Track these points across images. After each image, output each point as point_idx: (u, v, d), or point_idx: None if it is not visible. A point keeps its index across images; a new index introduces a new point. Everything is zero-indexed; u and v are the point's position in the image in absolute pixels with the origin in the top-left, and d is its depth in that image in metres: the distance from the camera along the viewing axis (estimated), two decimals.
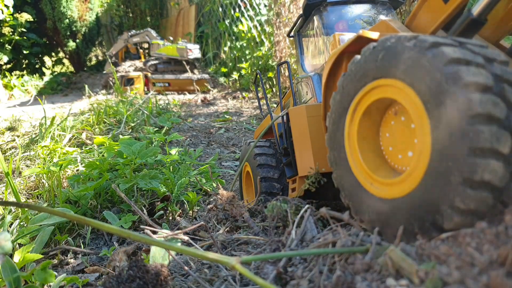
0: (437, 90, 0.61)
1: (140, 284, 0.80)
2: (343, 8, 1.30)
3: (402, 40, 0.68)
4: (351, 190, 0.81)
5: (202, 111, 4.08)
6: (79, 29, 8.02)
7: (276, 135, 1.22)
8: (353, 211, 0.80)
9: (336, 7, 1.28)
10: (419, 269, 0.55)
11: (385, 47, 0.72)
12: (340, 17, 1.30)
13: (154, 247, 0.95)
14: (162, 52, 6.03)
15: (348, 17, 1.29)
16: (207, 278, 0.86)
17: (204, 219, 1.16)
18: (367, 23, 1.29)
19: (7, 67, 6.98)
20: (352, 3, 1.30)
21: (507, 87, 0.59)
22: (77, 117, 3.17)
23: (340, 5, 1.29)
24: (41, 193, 1.60)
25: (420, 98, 0.64)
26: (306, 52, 1.45)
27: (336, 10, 1.29)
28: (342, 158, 0.83)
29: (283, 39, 5.16)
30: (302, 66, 1.47)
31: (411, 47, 0.66)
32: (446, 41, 0.65)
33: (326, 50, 1.27)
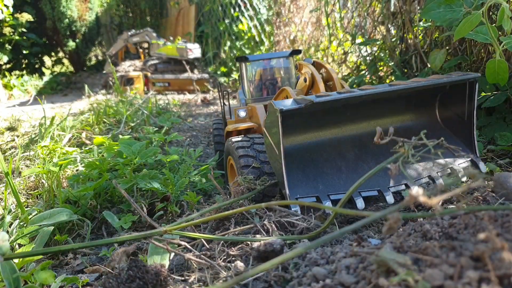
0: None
1: (140, 284, 0.80)
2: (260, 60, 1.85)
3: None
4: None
5: (202, 111, 4.08)
6: (78, 29, 8.01)
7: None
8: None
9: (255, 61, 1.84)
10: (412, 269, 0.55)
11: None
12: (258, 66, 1.84)
13: (152, 246, 0.95)
14: (162, 52, 6.02)
15: (264, 66, 1.85)
16: (207, 278, 0.86)
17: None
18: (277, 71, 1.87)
19: (6, 67, 6.97)
20: (266, 59, 1.84)
21: (259, 154, 1.31)
22: (77, 117, 3.17)
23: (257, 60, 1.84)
24: (41, 193, 1.60)
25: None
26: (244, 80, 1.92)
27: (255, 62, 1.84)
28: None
29: (283, 39, 5.15)
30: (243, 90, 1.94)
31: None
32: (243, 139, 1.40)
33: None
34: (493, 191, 1.34)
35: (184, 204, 1.46)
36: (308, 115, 1.18)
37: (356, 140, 1.24)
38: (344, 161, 1.19)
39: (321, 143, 1.22)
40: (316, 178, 1.15)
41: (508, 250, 0.54)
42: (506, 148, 1.82)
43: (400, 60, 2.83)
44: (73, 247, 0.87)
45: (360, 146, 1.23)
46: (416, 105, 1.28)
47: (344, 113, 1.23)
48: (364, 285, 0.65)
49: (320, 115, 1.21)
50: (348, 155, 1.21)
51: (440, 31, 2.51)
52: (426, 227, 0.80)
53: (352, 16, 3.78)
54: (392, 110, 1.27)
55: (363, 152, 1.21)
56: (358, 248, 0.81)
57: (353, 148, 1.23)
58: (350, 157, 1.20)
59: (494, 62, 1.52)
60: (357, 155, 1.20)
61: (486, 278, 0.53)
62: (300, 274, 0.79)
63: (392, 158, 0.78)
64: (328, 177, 1.15)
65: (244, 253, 0.94)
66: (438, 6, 1.73)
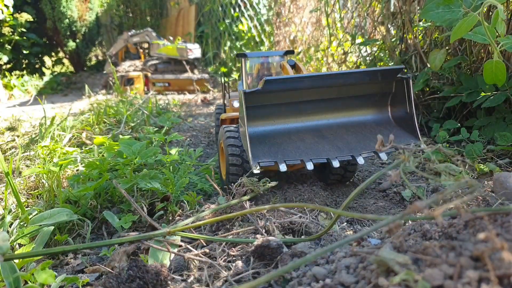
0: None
1: (140, 284, 0.80)
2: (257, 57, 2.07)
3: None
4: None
5: (202, 111, 4.08)
6: (79, 29, 8.01)
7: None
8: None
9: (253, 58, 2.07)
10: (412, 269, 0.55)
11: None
12: (256, 62, 2.06)
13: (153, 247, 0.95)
14: (162, 52, 6.02)
15: (261, 62, 2.06)
16: (206, 278, 0.86)
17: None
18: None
19: (7, 67, 6.97)
20: (262, 56, 2.06)
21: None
22: (77, 117, 3.17)
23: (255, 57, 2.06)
24: (41, 193, 1.60)
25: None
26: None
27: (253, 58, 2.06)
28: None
29: (283, 39, 5.15)
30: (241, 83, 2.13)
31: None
32: (233, 129, 1.56)
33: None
34: (493, 191, 1.34)
35: (184, 204, 1.46)
36: (274, 106, 1.42)
37: (316, 130, 1.46)
38: (303, 143, 1.39)
39: (286, 131, 1.45)
40: (277, 151, 1.35)
41: (508, 250, 0.54)
42: (505, 148, 1.82)
43: (400, 60, 2.83)
44: (76, 247, 0.88)
45: (319, 134, 1.44)
46: (371, 105, 1.49)
47: (305, 108, 1.46)
48: (364, 285, 0.65)
49: (285, 108, 1.44)
50: (307, 140, 1.41)
51: (440, 31, 2.51)
52: (425, 227, 0.80)
53: (352, 16, 3.78)
54: (347, 107, 1.49)
55: (321, 138, 1.42)
56: (358, 248, 0.81)
57: (313, 136, 1.43)
58: (309, 141, 1.41)
59: (492, 63, 1.52)
60: (315, 140, 1.41)
61: (486, 278, 0.53)
62: (300, 274, 0.79)
63: (392, 164, 0.79)
64: (287, 151, 1.35)
65: (244, 253, 0.94)
66: (437, 6, 1.74)
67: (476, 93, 2.06)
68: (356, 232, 1.15)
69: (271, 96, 1.39)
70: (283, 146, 1.36)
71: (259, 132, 1.40)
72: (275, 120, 1.44)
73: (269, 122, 1.44)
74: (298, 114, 1.46)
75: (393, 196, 1.58)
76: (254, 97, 1.32)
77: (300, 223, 1.09)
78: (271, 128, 1.43)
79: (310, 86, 1.39)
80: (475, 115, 2.21)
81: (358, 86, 1.44)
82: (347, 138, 1.41)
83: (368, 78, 1.40)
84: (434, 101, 2.52)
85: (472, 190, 0.67)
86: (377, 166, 2.04)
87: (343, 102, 1.47)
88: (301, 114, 1.46)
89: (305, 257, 0.69)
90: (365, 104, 1.49)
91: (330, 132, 1.45)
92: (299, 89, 1.40)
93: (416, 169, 0.72)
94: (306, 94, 1.43)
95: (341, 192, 1.66)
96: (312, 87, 1.40)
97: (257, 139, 1.38)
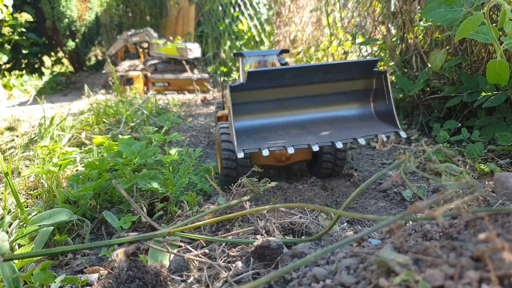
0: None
1: (139, 285, 0.80)
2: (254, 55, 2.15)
3: None
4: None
5: (202, 111, 4.08)
6: (78, 28, 8.01)
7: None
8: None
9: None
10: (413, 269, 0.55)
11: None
12: (252, 60, 2.14)
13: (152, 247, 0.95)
14: (161, 51, 6.01)
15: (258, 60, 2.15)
16: (206, 279, 0.86)
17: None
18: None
19: (6, 67, 6.97)
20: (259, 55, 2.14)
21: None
22: (77, 117, 3.16)
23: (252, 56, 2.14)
24: (40, 193, 1.60)
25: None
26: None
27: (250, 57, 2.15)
28: None
29: (283, 38, 5.15)
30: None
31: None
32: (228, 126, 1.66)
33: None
34: (494, 191, 1.33)
35: (184, 204, 1.46)
36: (261, 103, 1.50)
37: (301, 124, 1.53)
38: (287, 135, 1.45)
39: (272, 125, 1.52)
40: (262, 141, 1.40)
41: (509, 250, 0.54)
42: (506, 148, 1.82)
43: (400, 60, 2.83)
44: (76, 248, 0.87)
45: (303, 128, 1.51)
46: (355, 101, 1.57)
47: (291, 104, 1.53)
48: (364, 286, 0.64)
49: (271, 104, 1.51)
50: (292, 132, 1.48)
51: (441, 31, 2.51)
52: (426, 227, 0.80)
53: (352, 16, 3.78)
54: (332, 103, 1.57)
55: (305, 131, 1.48)
56: (358, 248, 0.81)
57: (297, 129, 1.50)
58: (293, 133, 1.47)
59: (495, 62, 1.52)
60: (300, 133, 1.47)
61: (487, 278, 0.53)
62: (300, 275, 0.79)
63: (393, 165, 0.79)
64: (270, 140, 1.41)
65: (244, 254, 0.94)
66: (438, 6, 1.73)
67: (477, 93, 2.06)
68: (356, 233, 1.15)
69: (258, 93, 1.46)
70: (268, 138, 1.43)
71: (245, 126, 1.48)
72: (261, 115, 1.51)
73: (256, 117, 1.51)
74: (284, 110, 1.53)
75: (394, 197, 1.57)
76: (241, 93, 1.41)
77: (300, 224, 1.09)
78: (258, 122, 1.51)
79: (290, 78, 1.45)
80: (476, 115, 2.21)
81: (341, 83, 1.51)
82: (331, 131, 1.46)
83: (345, 70, 1.46)
84: (435, 101, 2.51)
85: (473, 190, 0.67)
86: (378, 166, 2.03)
87: (328, 98, 1.54)
88: (286, 110, 1.53)
89: (305, 257, 0.68)
90: (349, 100, 1.56)
91: (315, 126, 1.51)
92: (283, 84, 1.47)
93: (416, 169, 0.72)
94: (291, 91, 1.50)
95: (341, 192, 1.66)
96: (293, 81, 1.46)
97: (244, 133, 1.45)
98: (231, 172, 1.60)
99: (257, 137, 1.45)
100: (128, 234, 1.25)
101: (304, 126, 1.52)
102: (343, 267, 0.73)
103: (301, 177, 1.81)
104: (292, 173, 1.86)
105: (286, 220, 1.09)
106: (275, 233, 1.03)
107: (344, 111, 1.55)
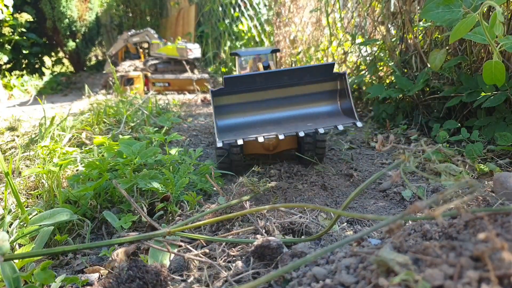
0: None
1: (140, 284, 0.80)
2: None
3: None
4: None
5: (202, 111, 4.08)
6: (79, 29, 8.01)
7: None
8: None
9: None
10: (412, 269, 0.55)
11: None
12: (247, 59, 2.44)
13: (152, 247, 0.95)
14: (162, 52, 6.01)
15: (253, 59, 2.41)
16: (206, 278, 0.86)
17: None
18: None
19: (6, 67, 6.97)
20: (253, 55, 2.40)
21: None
22: (77, 117, 3.16)
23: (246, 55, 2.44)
24: (41, 193, 1.60)
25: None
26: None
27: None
28: None
29: (283, 38, 5.15)
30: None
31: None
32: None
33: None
34: (493, 191, 1.34)
35: (184, 204, 1.46)
36: (241, 105, 1.72)
37: (277, 121, 1.74)
38: (264, 130, 1.65)
39: (250, 123, 1.73)
40: (240, 134, 1.59)
41: (508, 250, 0.54)
42: (506, 148, 1.82)
43: (400, 60, 2.83)
44: (76, 247, 0.88)
45: (278, 124, 1.72)
46: (324, 100, 1.79)
47: (268, 104, 1.75)
48: (364, 285, 0.65)
49: (250, 105, 1.73)
50: (268, 127, 1.69)
51: (440, 31, 2.51)
52: (426, 227, 0.80)
53: (352, 16, 3.78)
54: (304, 103, 1.79)
55: (280, 126, 1.69)
56: (358, 248, 0.81)
57: (272, 125, 1.71)
58: (269, 128, 1.68)
59: (491, 63, 1.52)
60: (275, 128, 1.67)
61: (486, 278, 0.53)
62: (300, 274, 0.79)
63: (392, 165, 0.79)
64: (248, 133, 1.60)
65: (244, 254, 0.94)
66: (437, 6, 1.73)
67: (476, 93, 2.06)
68: (356, 232, 1.15)
69: (237, 97, 1.70)
70: (247, 133, 1.62)
71: (227, 124, 1.71)
72: (241, 115, 1.75)
73: (236, 116, 1.74)
74: (261, 110, 1.76)
75: (393, 196, 1.58)
76: (221, 97, 1.66)
77: (300, 223, 1.09)
78: (238, 120, 1.73)
79: (262, 82, 1.68)
80: (475, 115, 2.21)
81: (312, 85, 1.76)
82: (302, 125, 1.66)
83: (307, 74, 1.70)
84: (434, 101, 2.52)
85: (472, 190, 0.67)
86: (377, 166, 2.03)
87: (301, 99, 1.78)
88: (264, 109, 1.76)
89: (305, 257, 0.68)
90: (319, 99, 1.80)
91: (289, 122, 1.72)
92: (260, 88, 1.71)
93: (416, 169, 0.72)
94: (268, 94, 1.73)
95: (341, 192, 1.66)
96: (268, 85, 1.70)
97: (226, 129, 1.68)
98: (224, 159, 1.88)
99: (237, 132, 1.64)
100: (128, 234, 1.25)
101: (279, 122, 1.73)
102: (343, 266, 0.73)
103: (301, 177, 1.82)
104: (292, 173, 1.86)
105: (286, 219, 1.09)
106: (275, 232, 1.03)
107: (314, 109, 1.78)
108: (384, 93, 2.68)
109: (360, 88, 3.48)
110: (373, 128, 2.79)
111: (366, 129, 2.66)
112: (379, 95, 2.72)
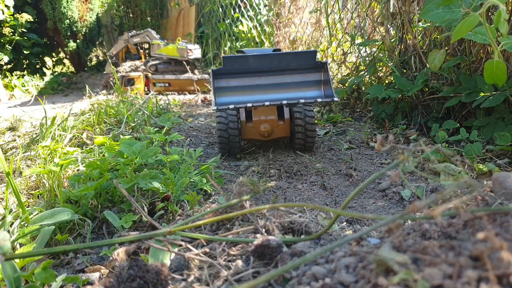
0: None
1: (140, 284, 0.81)
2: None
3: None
4: None
5: (202, 111, 4.09)
6: (79, 29, 8.02)
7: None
8: None
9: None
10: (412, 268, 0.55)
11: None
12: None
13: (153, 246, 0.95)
14: (162, 52, 6.02)
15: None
16: (207, 277, 0.86)
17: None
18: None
19: (7, 67, 6.97)
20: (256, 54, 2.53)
21: (229, 121, 2.11)
22: (78, 117, 3.17)
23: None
24: (42, 193, 1.61)
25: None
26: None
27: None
28: None
29: (283, 39, 5.16)
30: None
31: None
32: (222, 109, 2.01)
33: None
34: (492, 190, 1.34)
35: (185, 203, 1.46)
36: (237, 87, 2.01)
37: (268, 101, 1.96)
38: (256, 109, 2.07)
39: (245, 101, 1.97)
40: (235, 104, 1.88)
41: (507, 250, 0.55)
42: (505, 148, 1.83)
43: (399, 61, 2.83)
44: (77, 247, 0.88)
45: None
46: (310, 87, 2.08)
47: (261, 88, 2.03)
48: (363, 284, 0.65)
49: (245, 88, 2.02)
50: (260, 107, 2.05)
51: (439, 32, 2.52)
52: (425, 227, 0.80)
53: (351, 17, 3.78)
54: (293, 88, 2.07)
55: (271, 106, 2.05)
56: (357, 247, 0.81)
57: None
58: (260, 108, 2.07)
59: (492, 63, 1.53)
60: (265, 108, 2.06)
61: (485, 277, 0.54)
62: (300, 273, 0.80)
63: (392, 164, 0.80)
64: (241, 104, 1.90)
65: (244, 253, 0.95)
66: (436, 6, 1.74)
67: (475, 93, 2.07)
68: (355, 232, 1.15)
69: (234, 79, 1.96)
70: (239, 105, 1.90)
71: (224, 102, 1.98)
72: (237, 94, 2.01)
73: (233, 95, 2.00)
74: (255, 91, 2.03)
75: (393, 196, 1.58)
76: (221, 77, 1.94)
77: (300, 223, 1.10)
78: (234, 99, 1.99)
79: (255, 64, 1.95)
80: (474, 115, 2.21)
81: (300, 75, 2.05)
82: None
83: (293, 59, 1.96)
84: (433, 101, 2.52)
85: (471, 190, 0.68)
86: (377, 166, 2.04)
87: (290, 85, 2.05)
88: (258, 91, 2.03)
89: (304, 256, 0.69)
90: (306, 86, 2.08)
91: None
92: (254, 72, 1.98)
93: (415, 169, 0.73)
94: (261, 79, 2.01)
95: (340, 192, 1.66)
96: (261, 69, 1.97)
97: (223, 105, 1.91)
98: (223, 140, 2.10)
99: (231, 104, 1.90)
100: (129, 233, 1.26)
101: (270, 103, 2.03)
102: (342, 266, 0.74)
103: (301, 177, 1.82)
104: (292, 173, 1.86)
105: (286, 219, 1.10)
106: (274, 232, 1.04)
107: (302, 93, 2.06)
108: (383, 93, 2.68)
109: (360, 89, 3.49)
110: (372, 128, 2.79)
111: (366, 129, 2.67)
112: (378, 95, 2.72)
